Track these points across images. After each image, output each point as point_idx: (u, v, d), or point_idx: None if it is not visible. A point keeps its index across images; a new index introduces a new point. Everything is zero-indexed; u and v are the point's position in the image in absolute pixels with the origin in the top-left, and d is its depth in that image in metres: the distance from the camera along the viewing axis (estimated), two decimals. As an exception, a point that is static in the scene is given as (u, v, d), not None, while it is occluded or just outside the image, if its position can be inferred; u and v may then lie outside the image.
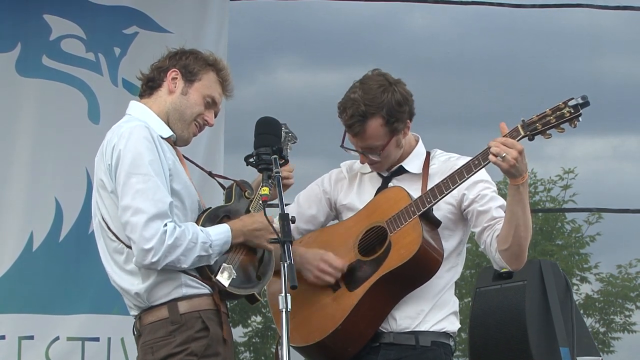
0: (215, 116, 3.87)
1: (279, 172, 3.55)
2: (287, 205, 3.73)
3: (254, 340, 20.99)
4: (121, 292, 3.71)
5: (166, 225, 3.52)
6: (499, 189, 4.11)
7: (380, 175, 4.11)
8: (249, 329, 20.98)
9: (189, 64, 3.81)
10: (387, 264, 3.89)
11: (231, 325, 3.87)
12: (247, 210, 3.85)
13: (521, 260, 3.89)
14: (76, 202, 5.92)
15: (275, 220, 3.49)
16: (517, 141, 3.71)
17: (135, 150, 3.58)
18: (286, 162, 3.81)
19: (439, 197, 3.85)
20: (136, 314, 3.70)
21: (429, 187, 3.91)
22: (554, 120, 3.71)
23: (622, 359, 20.78)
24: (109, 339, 5.89)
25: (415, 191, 3.96)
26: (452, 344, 4.00)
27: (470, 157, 3.85)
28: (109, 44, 6.12)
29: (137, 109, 3.81)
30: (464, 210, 3.97)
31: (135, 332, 3.73)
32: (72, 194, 5.92)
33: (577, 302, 6.78)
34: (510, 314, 5.36)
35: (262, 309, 19.63)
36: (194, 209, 3.73)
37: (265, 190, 3.51)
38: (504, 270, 5.24)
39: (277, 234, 3.37)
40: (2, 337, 5.77)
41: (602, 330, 20.95)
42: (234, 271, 3.67)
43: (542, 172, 22.36)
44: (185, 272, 3.61)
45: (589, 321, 20.39)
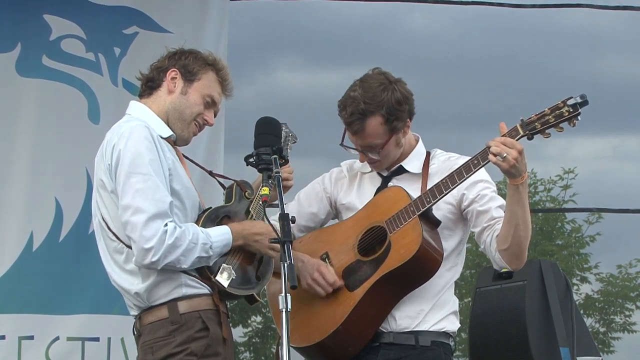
0: (215, 116, 3.88)
1: (279, 172, 3.55)
2: (286, 204, 3.73)
3: (254, 340, 20.97)
4: (121, 291, 3.71)
5: (166, 225, 3.52)
6: (499, 189, 4.11)
7: (380, 174, 4.11)
8: (249, 329, 20.97)
9: (189, 63, 3.81)
10: (387, 264, 3.88)
11: (231, 325, 3.87)
12: (248, 210, 3.85)
13: (521, 260, 3.89)
14: (76, 202, 5.92)
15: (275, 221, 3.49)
16: (517, 140, 3.71)
17: (135, 150, 3.58)
18: (286, 162, 3.81)
19: (439, 197, 3.84)
20: (136, 313, 3.70)
21: (428, 187, 3.92)
22: (553, 119, 3.70)
23: (622, 359, 20.79)
24: (109, 339, 5.89)
25: (415, 191, 3.95)
26: (452, 343, 4.00)
27: (470, 157, 3.85)
28: (109, 44, 6.13)
29: (137, 108, 3.81)
30: (464, 210, 3.97)
31: (135, 332, 3.73)
32: (72, 194, 5.92)
33: (577, 302, 6.77)
34: (510, 314, 5.36)
35: (262, 309, 19.61)
36: (194, 208, 3.73)
37: (265, 190, 3.51)
38: (504, 270, 5.24)
39: (277, 234, 3.37)
40: (2, 337, 5.77)
41: (602, 330, 20.93)
42: (233, 272, 3.67)
43: (542, 172, 22.35)
44: (185, 272, 3.61)
45: (589, 321, 20.37)
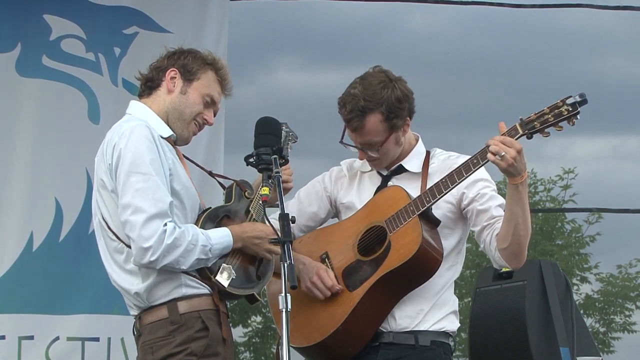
0: (214, 115, 3.87)
1: (279, 172, 3.55)
2: (286, 204, 3.72)
3: (254, 340, 20.97)
4: (121, 291, 3.71)
5: (166, 225, 3.51)
6: (499, 188, 4.10)
7: (379, 174, 4.11)
8: (249, 329, 20.96)
9: (188, 63, 3.81)
10: (386, 264, 3.88)
11: (231, 325, 3.87)
12: (247, 210, 3.85)
13: (521, 259, 3.89)
14: (76, 202, 5.92)
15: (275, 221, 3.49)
16: (516, 140, 3.71)
17: (135, 149, 3.58)
18: (286, 162, 3.80)
19: (438, 197, 3.84)
20: (136, 313, 3.70)
21: (428, 186, 3.91)
22: (552, 118, 3.70)
23: (622, 359, 20.79)
24: (109, 339, 5.89)
25: (414, 190, 3.95)
26: (451, 343, 3.99)
27: (469, 156, 3.85)
28: (109, 44, 6.13)
29: (137, 108, 3.81)
30: (464, 209, 3.97)
31: (135, 332, 3.73)
32: (72, 194, 5.92)
33: (577, 302, 6.77)
34: (510, 314, 5.36)
35: (262, 309, 19.62)
36: (193, 208, 3.72)
37: (265, 190, 3.51)
38: (504, 270, 5.26)
39: (277, 234, 3.37)
40: (2, 337, 5.77)
41: (602, 330, 20.93)
42: (233, 271, 3.67)
43: (542, 172, 22.35)
44: (185, 272, 3.61)
45: (589, 321, 20.36)
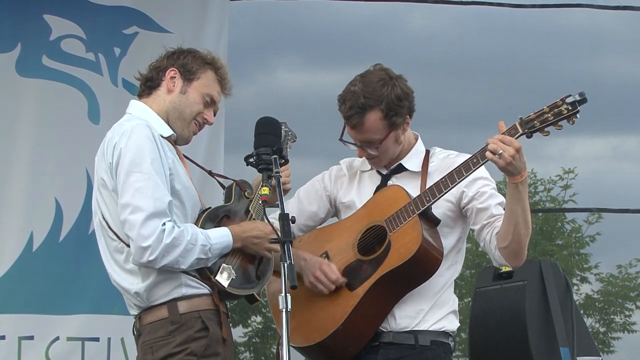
0: (214, 115, 3.87)
1: (279, 172, 3.55)
2: (285, 204, 3.72)
3: (254, 340, 20.97)
4: (121, 291, 3.71)
5: (165, 224, 3.51)
6: (500, 188, 4.10)
7: (379, 173, 4.11)
8: (249, 329, 20.96)
9: (187, 62, 3.81)
10: (387, 264, 3.88)
11: (231, 325, 3.87)
12: (247, 210, 3.84)
13: (520, 257, 3.89)
14: (76, 202, 5.92)
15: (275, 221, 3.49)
16: (515, 139, 3.71)
17: (136, 148, 3.58)
18: (286, 161, 3.80)
19: (438, 196, 3.84)
20: (136, 313, 3.70)
21: (428, 185, 3.91)
22: (552, 117, 3.70)
23: (622, 359, 20.79)
24: (109, 339, 5.89)
25: (414, 189, 3.95)
26: (451, 343, 3.99)
27: (469, 155, 3.85)
28: (109, 44, 6.13)
29: (137, 107, 3.81)
30: (463, 207, 3.97)
31: (135, 332, 3.73)
32: (72, 194, 5.92)
33: (577, 302, 6.77)
34: (510, 314, 5.36)
35: (262, 309, 19.61)
36: (193, 208, 3.72)
37: (265, 190, 3.50)
38: (504, 270, 5.26)
39: (277, 233, 3.37)
40: (2, 337, 5.77)
41: (602, 330, 20.93)
42: (233, 271, 3.67)
43: (542, 172, 22.34)
44: (185, 272, 3.60)
45: (589, 321, 20.36)
